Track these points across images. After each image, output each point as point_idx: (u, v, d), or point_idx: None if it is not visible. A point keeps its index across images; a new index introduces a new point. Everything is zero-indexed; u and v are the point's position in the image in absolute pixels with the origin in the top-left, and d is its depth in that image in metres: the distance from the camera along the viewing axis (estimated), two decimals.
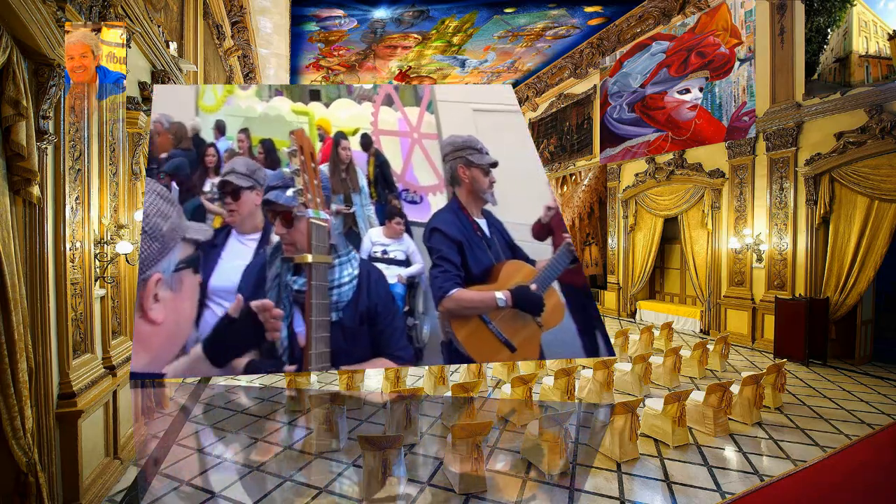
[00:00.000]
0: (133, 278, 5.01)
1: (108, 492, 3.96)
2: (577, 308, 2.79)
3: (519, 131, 3.54)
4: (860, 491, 3.24)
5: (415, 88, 4.59)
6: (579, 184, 14.42)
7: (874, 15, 7.77)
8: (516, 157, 3.04)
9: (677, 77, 8.49)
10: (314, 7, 10.57)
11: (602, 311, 13.68)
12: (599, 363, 6.28)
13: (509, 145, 3.05)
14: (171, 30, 6.62)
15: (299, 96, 4.26)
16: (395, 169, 3.98)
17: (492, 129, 3.22)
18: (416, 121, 4.07)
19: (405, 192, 3.92)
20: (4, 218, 2.87)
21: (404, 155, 4.01)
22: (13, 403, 2.80)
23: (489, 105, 3.71)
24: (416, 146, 3.96)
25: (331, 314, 2.41)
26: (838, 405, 6.25)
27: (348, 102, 4.23)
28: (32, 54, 3.09)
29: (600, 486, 4.16)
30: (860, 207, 7.94)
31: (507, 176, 2.92)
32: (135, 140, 5.05)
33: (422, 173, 4.04)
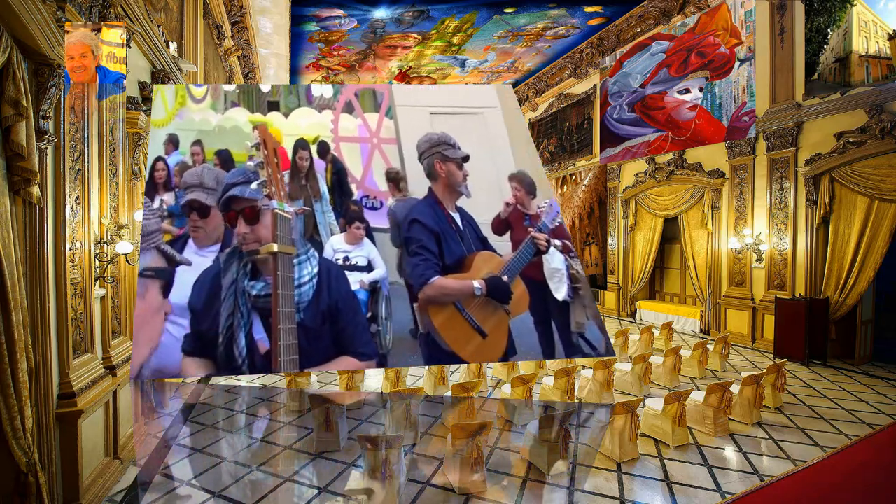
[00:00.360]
0: (133, 278, 5.01)
1: (108, 492, 3.96)
2: (537, 301, 3.00)
3: (477, 132, 3.67)
4: (860, 491, 3.24)
5: (374, 93, 4.65)
6: (579, 184, 14.43)
7: (874, 15, 7.77)
8: (472, 158, 3.21)
9: (677, 77, 8.49)
10: (314, 7, 10.57)
11: (602, 311, 13.68)
12: (599, 363, 6.28)
13: (463, 147, 3.24)
14: (171, 30, 6.62)
15: (257, 106, 4.26)
16: (354, 175, 4.04)
17: (448, 132, 3.35)
18: (375, 126, 4.15)
19: (365, 199, 3.96)
20: (4, 218, 2.87)
21: (364, 161, 4.10)
22: (13, 403, 2.80)
23: (446, 108, 3.82)
24: (376, 151, 4.07)
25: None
26: (838, 405, 6.25)
27: (308, 111, 4.25)
28: (32, 54, 3.09)
29: (600, 486, 4.16)
30: (860, 207, 7.94)
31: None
32: (135, 140, 5.05)
33: (381, 178, 4.14)
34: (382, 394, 6.63)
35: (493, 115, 3.88)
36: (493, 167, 3.56)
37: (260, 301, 2.39)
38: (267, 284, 2.40)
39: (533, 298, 2.97)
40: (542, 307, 3.03)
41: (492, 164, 3.57)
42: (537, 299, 3.02)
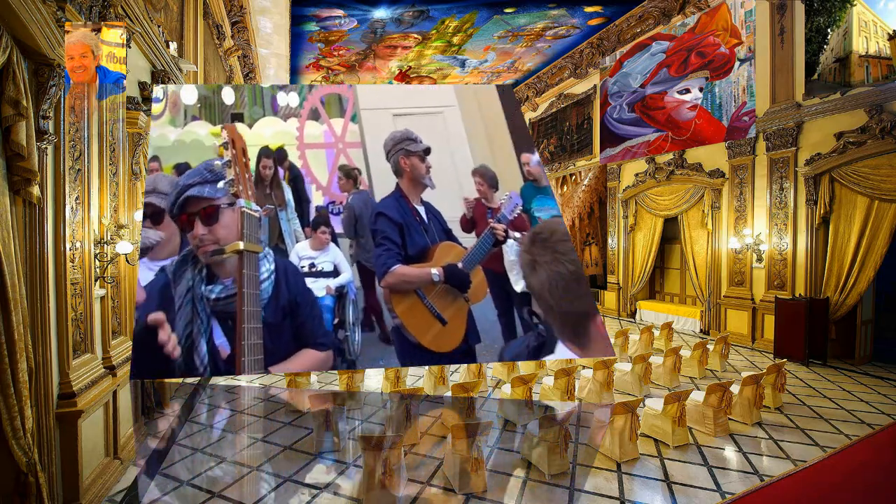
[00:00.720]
0: (133, 278, 5.01)
1: (108, 492, 3.96)
2: (498, 293, 3.13)
3: (437, 131, 3.76)
4: (860, 491, 3.24)
5: (339, 99, 4.68)
6: (579, 184, 14.43)
7: (874, 15, 7.77)
8: (431, 157, 3.32)
9: (677, 77, 8.49)
10: (314, 7, 10.57)
11: (602, 311, 13.68)
12: (599, 363, 6.28)
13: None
14: (171, 30, 6.62)
15: (220, 119, 4.26)
16: (320, 181, 4.08)
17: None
18: (340, 131, 4.20)
19: (332, 205, 4.02)
20: (4, 218, 2.87)
21: (330, 166, 4.14)
22: (13, 403, 2.80)
23: (408, 109, 3.89)
24: (342, 155, 4.13)
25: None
26: (838, 405, 6.25)
27: (273, 120, 4.27)
28: (32, 54, 3.09)
29: (600, 486, 4.16)
30: (860, 207, 7.94)
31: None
32: (135, 140, 5.05)
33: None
34: (382, 394, 6.63)
35: (452, 113, 3.96)
36: (453, 165, 3.64)
37: (219, 305, 2.38)
38: (225, 287, 2.39)
39: (494, 289, 3.08)
40: (505, 298, 3.14)
41: (451, 161, 3.65)
42: (498, 290, 3.12)
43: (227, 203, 2.44)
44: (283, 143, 4.04)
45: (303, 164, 4.20)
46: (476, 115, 3.96)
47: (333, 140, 4.19)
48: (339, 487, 4.17)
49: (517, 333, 2.98)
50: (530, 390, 5.71)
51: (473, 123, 3.97)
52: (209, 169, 2.46)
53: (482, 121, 3.95)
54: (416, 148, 3.06)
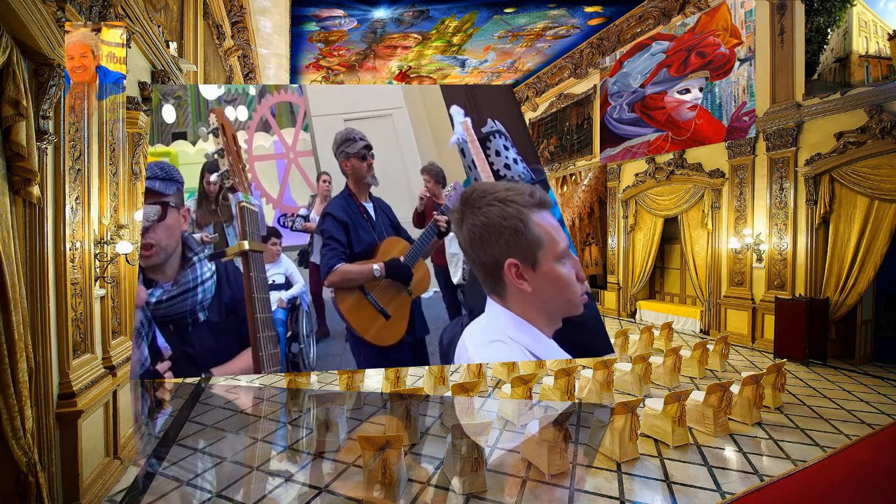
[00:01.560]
0: (133, 278, 5.01)
1: (108, 492, 3.96)
2: (444, 283, 3.23)
3: (384, 133, 3.81)
4: (860, 491, 3.24)
5: (290, 107, 4.65)
6: (579, 184, 14.43)
7: (874, 15, 7.77)
8: (381, 159, 3.39)
9: (677, 77, 8.49)
10: (314, 7, 10.57)
11: (602, 311, 13.68)
12: (599, 363, 6.28)
13: (375, 149, 3.46)
14: (171, 30, 6.62)
15: (159, 137, 4.24)
16: (271, 193, 4.02)
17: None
18: (291, 141, 4.18)
19: (283, 218, 3.98)
20: (4, 218, 2.87)
21: (280, 177, 4.10)
22: (13, 403, 2.80)
23: (359, 113, 3.96)
24: (293, 166, 4.14)
25: (198, 315, 2.43)
26: (838, 405, 6.25)
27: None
28: (32, 54, 3.09)
29: (600, 486, 4.16)
30: (860, 207, 7.94)
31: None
32: (135, 140, 5.04)
33: (299, 194, 4.07)
34: (382, 394, 6.63)
35: (400, 115, 4.00)
36: (403, 164, 3.74)
37: (160, 308, 2.37)
38: (164, 291, 2.39)
39: (440, 279, 3.14)
40: (450, 289, 3.24)
41: (401, 161, 3.75)
42: (444, 281, 3.20)
43: (174, 203, 2.39)
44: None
45: (252, 177, 4.13)
46: (422, 115, 4.00)
47: (284, 150, 4.14)
48: (339, 487, 4.17)
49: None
50: (530, 390, 5.71)
51: (421, 123, 4.02)
52: (211, 158, 2.46)
53: (428, 120, 3.99)
54: (353, 149, 3.10)
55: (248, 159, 3.92)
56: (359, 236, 2.99)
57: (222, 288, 2.47)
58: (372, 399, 6.53)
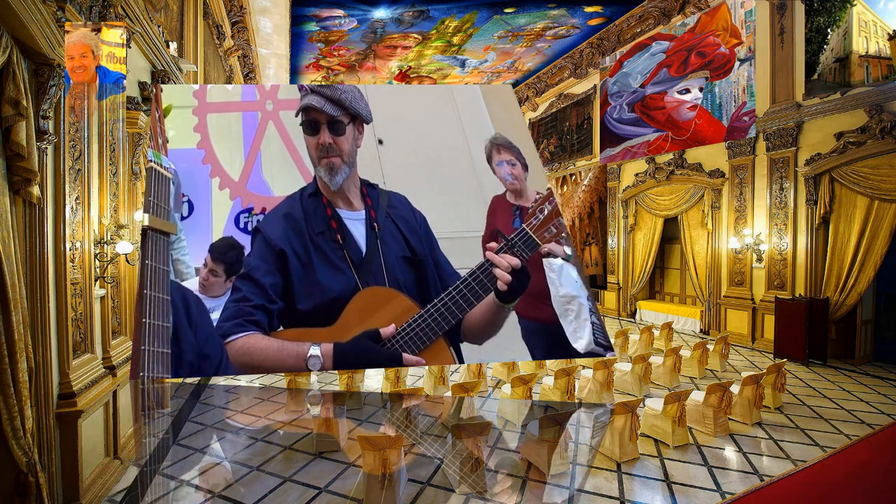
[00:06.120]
0: (133, 278, 5.01)
1: (108, 492, 3.96)
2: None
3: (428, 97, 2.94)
4: (860, 491, 3.24)
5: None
6: (579, 184, 14.42)
7: (874, 15, 7.77)
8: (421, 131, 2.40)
9: (677, 77, 8.49)
10: (314, 7, 10.57)
11: (602, 311, 13.68)
12: (599, 363, 6.28)
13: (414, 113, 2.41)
14: (171, 30, 6.61)
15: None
16: (228, 171, 2.42)
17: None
18: (270, 88, 2.66)
19: (244, 214, 2.39)
20: (4, 218, 2.87)
21: (248, 144, 2.44)
22: (13, 403, 2.80)
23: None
24: (270, 123, 2.43)
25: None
26: (838, 405, 6.25)
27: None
28: (32, 54, 3.09)
29: (600, 486, 4.16)
30: (860, 207, 7.94)
31: None
32: (135, 140, 5.04)
33: (277, 175, 2.36)
34: (382, 394, 6.63)
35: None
36: (463, 136, 2.37)
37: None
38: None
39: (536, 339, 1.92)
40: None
41: (460, 131, 2.38)
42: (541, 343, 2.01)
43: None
44: (170, 103, 2.57)
45: (201, 138, 2.46)
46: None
47: (258, 98, 2.49)
48: (339, 487, 4.17)
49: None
50: (530, 390, 5.71)
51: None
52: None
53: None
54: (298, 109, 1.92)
55: (199, 108, 2.49)
56: (311, 278, 1.71)
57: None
58: (372, 399, 6.52)
